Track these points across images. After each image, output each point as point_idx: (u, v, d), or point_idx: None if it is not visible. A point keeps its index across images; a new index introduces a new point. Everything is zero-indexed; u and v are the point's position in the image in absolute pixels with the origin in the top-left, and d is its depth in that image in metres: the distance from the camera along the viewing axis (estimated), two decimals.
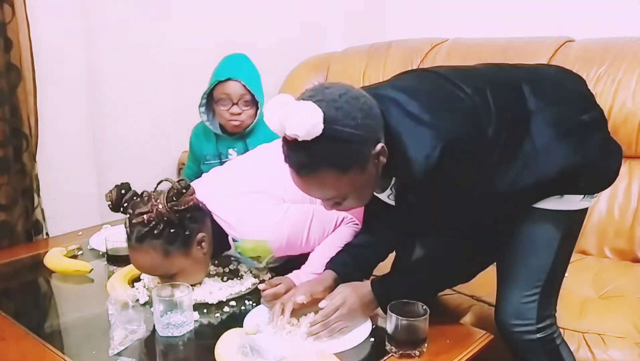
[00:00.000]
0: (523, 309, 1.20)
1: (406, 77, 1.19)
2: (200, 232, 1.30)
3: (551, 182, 1.12)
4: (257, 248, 1.35)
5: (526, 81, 1.15)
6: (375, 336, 1.16)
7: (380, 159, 1.03)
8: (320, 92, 1.00)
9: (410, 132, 1.02)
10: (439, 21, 2.55)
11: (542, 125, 1.11)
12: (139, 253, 1.26)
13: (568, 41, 2.06)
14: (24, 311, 1.34)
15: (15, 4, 1.74)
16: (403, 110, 1.04)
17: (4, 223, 1.78)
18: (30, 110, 1.83)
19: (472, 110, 1.08)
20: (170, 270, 1.27)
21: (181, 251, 1.26)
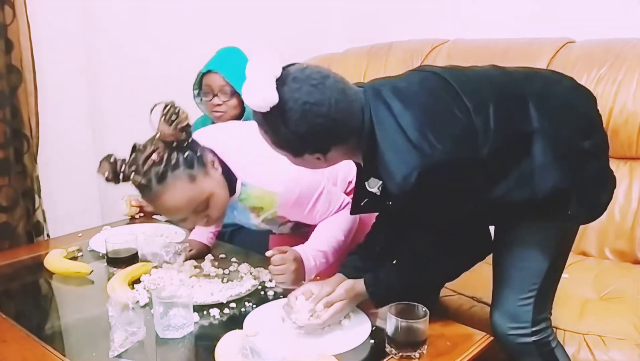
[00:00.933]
0: (518, 312, 1.21)
1: (411, 79, 1.15)
2: (208, 154, 1.28)
3: (539, 203, 1.12)
4: (264, 198, 1.32)
5: (534, 97, 1.12)
6: (375, 337, 1.16)
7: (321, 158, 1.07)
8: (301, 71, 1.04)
9: (394, 146, 1.02)
10: (440, 22, 2.55)
11: (543, 145, 1.10)
12: (166, 194, 1.21)
13: (569, 42, 2.06)
14: (24, 313, 1.34)
15: (16, 6, 1.74)
16: (394, 121, 1.03)
17: (5, 224, 1.79)
18: (31, 112, 1.83)
19: (466, 132, 1.05)
20: (202, 195, 1.24)
21: (202, 171, 1.25)
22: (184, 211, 1.25)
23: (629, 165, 1.87)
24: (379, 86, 1.10)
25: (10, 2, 1.73)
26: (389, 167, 1.03)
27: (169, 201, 1.22)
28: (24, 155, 1.82)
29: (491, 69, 1.23)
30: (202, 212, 1.27)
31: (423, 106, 1.06)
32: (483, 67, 1.23)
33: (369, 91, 1.08)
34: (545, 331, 1.24)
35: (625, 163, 1.88)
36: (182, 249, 1.58)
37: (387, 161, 1.03)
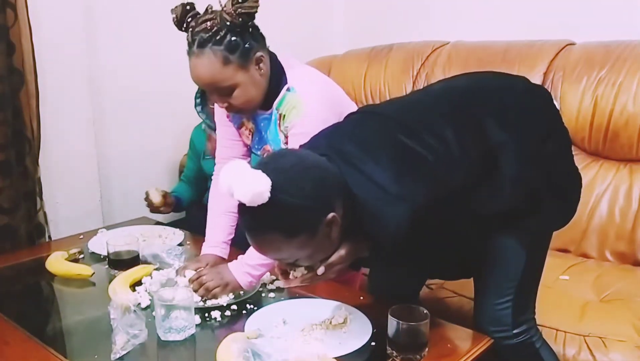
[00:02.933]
0: (498, 316, 1.24)
1: (368, 126, 1.14)
2: (259, 52, 1.33)
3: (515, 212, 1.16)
4: (295, 106, 1.35)
5: (490, 115, 1.14)
6: (376, 340, 1.16)
7: (332, 228, 1.03)
8: (274, 161, 1.04)
9: (378, 203, 1.04)
10: (440, 24, 2.56)
11: (508, 156, 1.13)
12: (199, 59, 1.28)
13: (569, 44, 2.07)
14: (26, 315, 1.35)
15: (17, 8, 1.74)
16: (371, 180, 1.04)
17: (7, 226, 1.79)
18: (32, 114, 1.83)
19: (436, 169, 1.07)
20: (228, 81, 1.29)
21: (240, 63, 1.29)
22: (205, 84, 1.33)
23: (629, 167, 1.88)
24: (340, 145, 1.09)
25: (12, 4, 1.73)
26: (378, 221, 1.04)
27: (197, 68, 1.30)
28: (25, 157, 1.82)
29: (439, 94, 1.23)
30: (224, 96, 1.33)
31: (390, 156, 1.07)
32: (430, 95, 1.24)
33: (336, 158, 1.07)
34: (528, 333, 1.26)
35: (626, 166, 1.88)
36: (183, 251, 1.58)
37: (375, 216, 1.04)
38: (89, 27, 2.04)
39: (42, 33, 1.85)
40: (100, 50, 2.11)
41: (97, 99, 2.11)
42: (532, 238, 1.23)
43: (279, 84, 1.38)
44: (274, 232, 1.01)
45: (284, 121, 1.37)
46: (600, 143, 1.91)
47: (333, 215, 1.02)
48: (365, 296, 1.36)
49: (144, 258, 1.55)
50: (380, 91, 2.46)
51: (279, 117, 1.39)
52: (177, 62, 2.23)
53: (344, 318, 1.22)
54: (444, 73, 2.26)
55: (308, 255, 1.06)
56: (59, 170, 1.98)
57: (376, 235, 1.07)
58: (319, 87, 1.39)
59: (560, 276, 1.70)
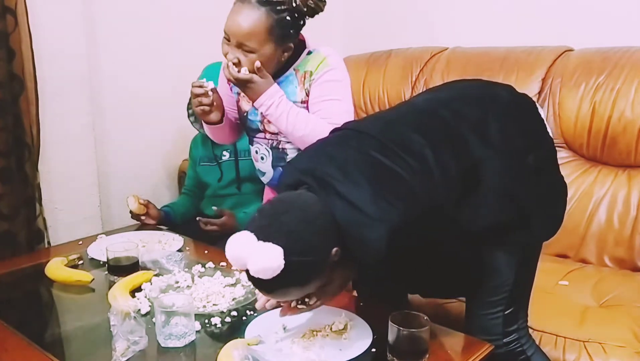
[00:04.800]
0: (488, 325, 1.26)
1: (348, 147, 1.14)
2: (291, 44, 1.43)
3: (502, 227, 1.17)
4: (318, 62, 1.47)
5: (471, 130, 1.14)
6: (376, 346, 1.16)
7: (335, 259, 1.06)
8: (277, 221, 1.03)
9: (357, 226, 1.05)
10: (439, 30, 2.57)
11: (491, 173, 1.13)
12: (250, 11, 1.35)
13: (567, 50, 2.08)
14: (25, 321, 1.34)
15: (17, 14, 1.75)
16: (347, 201, 1.04)
17: (6, 232, 1.79)
18: (32, 120, 1.83)
19: (414, 189, 1.07)
20: (258, 44, 1.37)
21: (277, 39, 1.38)
22: (236, 32, 1.37)
23: (627, 172, 1.88)
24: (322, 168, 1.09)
25: (12, 10, 1.73)
26: (359, 243, 1.05)
27: (242, 16, 1.37)
28: (25, 163, 1.82)
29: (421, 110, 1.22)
30: (241, 51, 1.39)
31: (368, 177, 1.07)
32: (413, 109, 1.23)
33: (316, 186, 1.08)
34: (519, 341, 1.28)
35: (624, 171, 1.89)
36: (183, 257, 1.58)
37: (355, 239, 1.05)
38: (89, 34, 2.05)
39: (42, 39, 1.85)
40: (100, 57, 2.11)
41: (97, 105, 2.11)
42: (522, 251, 1.24)
43: (298, 54, 1.49)
44: (289, 287, 1.05)
45: (312, 75, 1.47)
46: (599, 149, 1.92)
47: (336, 250, 1.05)
48: (365, 303, 1.36)
49: (144, 264, 1.55)
50: (379, 96, 2.47)
51: (303, 75, 1.48)
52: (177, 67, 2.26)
53: (344, 324, 1.22)
54: (442, 79, 2.27)
55: (320, 291, 1.12)
56: (58, 176, 1.98)
57: (359, 256, 1.09)
58: (337, 53, 1.53)
59: (560, 281, 1.70)
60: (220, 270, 1.53)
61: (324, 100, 1.47)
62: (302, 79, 1.49)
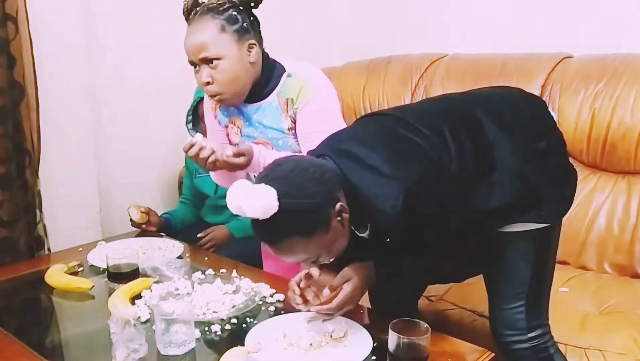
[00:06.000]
0: (512, 320, 1.27)
1: (367, 125, 1.24)
2: (252, 40, 1.40)
3: (514, 208, 1.20)
4: (300, 88, 1.42)
5: (485, 112, 1.21)
6: (376, 354, 1.16)
7: (343, 216, 1.09)
8: (272, 171, 1.08)
9: (372, 185, 1.09)
10: (439, 37, 2.58)
11: (504, 154, 1.18)
12: (197, 24, 1.36)
13: (567, 57, 2.08)
14: (25, 328, 1.34)
15: (18, 22, 1.76)
16: (363, 164, 1.10)
17: (6, 239, 1.79)
18: (33, 127, 1.84)
19: (430, 153, 1.12)
20: (218, 49, 1.35)
21: (233, 36, 1.36)
22: (196, 48, 1.36)
23: (627, 179, 1.88)
24: (339, 144, 1.16)
25: (13, 18, 1.74)
26: (374, 204, 1.08)
27: (192, 32, 1.36)
28: (25, 170, 1.83)
29: (438, 100, 1.33)
30: (209, 67, 1.37)
31: (384, 143, 1.14)
32: (430, 100, 1.36)
33: (333, 155, 1.13)
34: (542, 338, 1.29)
35: (624, 178, 1.89)
36: (183, 264, 1.58)
37: (371, 199, 1.08)
38: (90, 40, 2.05)
39: (42, 46, 1.86)
40: (101, 63, 2.12)
41: (97, 111, 2.12)
42: (538, 242, 1.26)
43: (273, 75, 1.45)
44: (292, 237, 1.06)
45: (295, 103, 1.42)
46: (598, 156, 1.92)
47: (340, 205, 1.07)
48: (366, 310, 1.36)
49: (144, 271, 1.55)
50: (379, 103, 2.47)
51: (285, 102, 1.44)
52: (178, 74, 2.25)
53: (344, 332, 1.21)
54: (442, 85, 2.27)
55: (328, 249, 1.11)
56: (58, 183, 1.98)
57: (374, 218, 1.11)
58: (318, 70, 1.50)
59: (560, 288, 1.70)
60: (221, 277, 1.53)
61: (312, 132, 1.42)
62: (285, 106, 1.45)
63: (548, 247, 1.30)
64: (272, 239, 1.08)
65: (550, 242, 1.30)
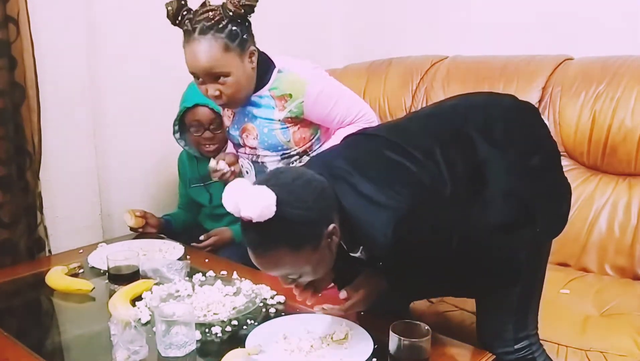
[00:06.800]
0: (499, 332, 1.26)
1: (358, 146, 1.22)
2: (252, 46, 1.45)
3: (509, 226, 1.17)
4: (295, 84, 1.47)
5: (475, 129, 1.18)
6: (377, 356, 1.16)
7: (333, 238, 1.08)
8: (274, 177, 1.07)
9: (365, 214, 1.08)
10: (439, 39, 2.58)
11: (496, 171, 1.16)
12: (200, 45, 1.38)
13: (567, 59, 2.08)
14: (26, 330, 1.34)
15: (19, 23, 1.75)
16: (356, 191, 1.09)
17: (7, 241, 1.78)
18: (34, 129, 1.83)
19: (423, 180, 1.11)
20: (225, 67, 1.40)
21: (237, 52, 1.40)
22: (204, 69, 1.40)
23: (628, 181, 1.88)
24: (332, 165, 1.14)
25: (14, 19, 1.74)
26: (367, 230, 1.08)
27: (197, 52, 1.39)
28: (26, 172, 1.82)
29: (427, 116, 1.30)
30: (217, 83, 1.42)
31: (377, 170, 1.13)
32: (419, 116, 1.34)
33: (328, 176, 1.11)
34: (529, 348, 1.27)
35: (624, 180, 1.89)
36: (184, 265, 1.58)
37: (363, 226, 1.08)
38: (91, 43, 2.05)
39: (44, 48, 1.86)
40: (102, 66, 2.12)
41: (98, 113, 2.12)
42: (529, 253, 1.23)
43: (267, 72, 1.50)
44: (280, 246, 1.04)
45: (294, 98, 1.47)
46: (599, 158, 1.92)
47: (334, 226, 1.06)
48: (366, 312, 1.36)
49: (144, 273, 1.55)
50: (379, 105, 2.47)
51: (281, 97, 1.48)
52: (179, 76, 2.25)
53: (345, 333, 1.22)
54: (442, 87, 2.27)
55: (312, 268, 1.09)
56: (59, 184, 1.98)
57: (366, 244, 1.11)
58: (303, 61, 1.55)
59: (561, 290, 1.70)
60: (221, 279, 1.53)
61: (331, 110, 1.51)
62: (281, 102, 1.49)
63: (538, 261, 1.28)
64: (261, 245, 1.05)
65: (540, 256, 1.29)
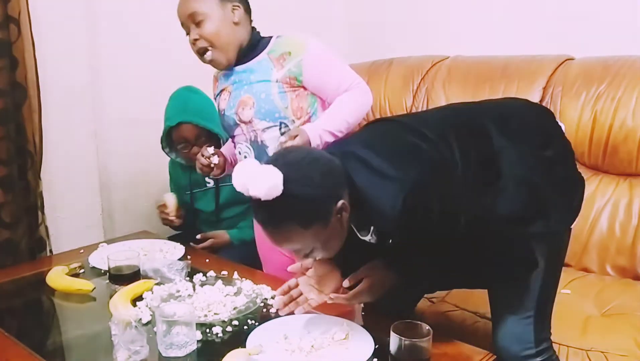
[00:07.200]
0: (520, 333, 1.24)
1: (373, 130, 1.25)
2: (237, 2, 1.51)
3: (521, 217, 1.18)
4: (295, 42, 1.51)
5: (492, 120, 1.22)
6: (377, 356, 1.16)
7: (342, 215, 1.09)
8: (282, 157, 1.10)
9: (374, 187, 1.09)
10: (440, 39, 2.57)
11: (510, 162, 1.18)
12: None
13: (568, 59, 2.08)
14: (26, 330, 1.34)
15: (21, 23, 1.76)
16: (367, 165, 1.11)
17: (8, 241, 1.79)
18: (35, 128, 1.84)
19: (435, 158, 1.13)
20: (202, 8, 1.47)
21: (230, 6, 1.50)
22: (183, 12, 1.51)
23: (629, 181, 1.88)
24: (346, 146, 1.18)
25: (15, 20, 1.74)
26: (376, 205, 1.08)
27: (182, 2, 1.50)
28: (27, 172, 1.83)
29: (443, 108, 1.36)
30: (197, 27, 1.49)
31: (389, 146, 1.16)
32: (436, 108, 1.38)
33: (339, 155, 1.13)
34: (549, 351, 1.26)
35: (625, 180, 1.89)
36: (184, 266, 1.58)
37: (373, 201, 1.09)
38: (92, 42, 2.06)
39: (45, 48, 1.86)
40: (103, 65, 2.12)
41: (99, 113, 2.12)
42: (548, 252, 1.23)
43: (262, 40, 1.56)
44: (290, 223, 1.06)
45: (292, 57, 1.49)
46: (600, 158, 1.92)
47: (343, 202, 1.08)
48: (367, 312, 1.36)
49: (145, 273, 1.55)
50: (380, 105, 2.47)
51: (280, 57, 1.51)
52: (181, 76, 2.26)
53: (345, 334, 1.21)
54: (443, 87, 2.27)
55: (323, 244, 1.11)
56: (60, 184, 1.99)
57: (376, 220, 1.11)
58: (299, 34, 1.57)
59: (562, 290, 1.69)
60: (222, 279, 1.53)
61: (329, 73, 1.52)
62: (279, 60, 1.51)
63: (559, 253, 1.29)
64: (270, 222, 1.07)
65: (560, 249, 1.29)
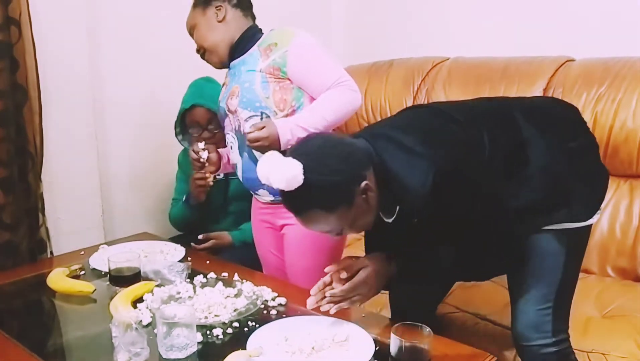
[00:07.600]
0: (539, 322, 1.25)
1: (405, 114, 1.31)
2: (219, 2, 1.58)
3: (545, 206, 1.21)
4: (283, 34, 1.54)
5: (519, 112, 1.25)
6: (378, 358, 1.16)
7: (368, 194, 1.13)
8: (302, 146, 1.16)
9: (404, 164, 1.12)
10: (441, 40, 2.58)
11: (537, 151, 1.21)
12: None
13: (568, 61, 2.08)
14: (27, 332, 1.34)
15: (21, 25, 1.76)
16: (398, 145, 1.14)
17: (9, 242, 1.79)
18: (35, 130, 1.84)
19: (465, 139, 1.16)
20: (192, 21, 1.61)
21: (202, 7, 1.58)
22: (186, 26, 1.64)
23: (630, 183, 1.88)
24: (374, 129, 1.23)
25: (16, 21, 1.74)
26: (405, 182, 1.11)
27: None
28: (28, 173, 1.82)
29: (473, 99, 1.39)
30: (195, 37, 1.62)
31: (420, 127, 1.19)
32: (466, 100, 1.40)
33: (367, 137, 1.18)
34: (566, 343, 1.28)
35: (626, 181, 1.89)
36: (185, 267, 1.58)
37: (402, 177, 1.12)
38: (92, 44, 2.06)
39: (45, 50, 1.86)
40: (103, 67, 2.12)
41: (100, 115, 2.12)
42: (571, 243, 1.26)
43: (256, 33, 1.60)
44: (314, 209, 1.12)
45: (277, 48, 1.52)
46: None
47: (366, 183, 1.10)
48: (368, 314, 1.36)
49: (146, 275, 1.55)
50: (381, 106, 2.48)
51: (267, 48, 1.54)
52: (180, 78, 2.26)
53: (346, 335, 1.21)
54: (444, 88, 2.27)
55: (350, 223, 1.16)
56: (61, 186, 1.98)
57: (404, 197, 1.13)
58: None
59: None
60: (222, 280, 1.53)
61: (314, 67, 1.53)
62: (266, 51, 1.53)
63: (580, 247, 1.31)
64: (296, 209, 1.14)
65: (582, 244, 1.31)
